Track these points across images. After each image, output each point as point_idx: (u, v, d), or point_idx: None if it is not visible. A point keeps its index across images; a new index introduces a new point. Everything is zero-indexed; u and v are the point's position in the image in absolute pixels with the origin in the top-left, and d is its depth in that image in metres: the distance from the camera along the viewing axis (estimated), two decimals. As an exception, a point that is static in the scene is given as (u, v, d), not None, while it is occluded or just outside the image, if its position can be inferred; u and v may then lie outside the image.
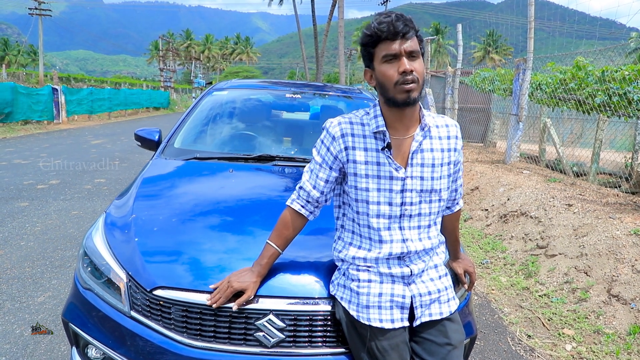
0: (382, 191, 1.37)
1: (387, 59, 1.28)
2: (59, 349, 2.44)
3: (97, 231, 1.82)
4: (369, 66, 1.36)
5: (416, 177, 1.38)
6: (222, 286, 1.42)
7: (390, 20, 1.27)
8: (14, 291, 3.08)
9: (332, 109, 3.41)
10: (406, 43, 1.27)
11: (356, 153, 1.38)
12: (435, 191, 1.41)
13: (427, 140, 1.40)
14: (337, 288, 1.47)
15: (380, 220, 1.39)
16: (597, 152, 6.87)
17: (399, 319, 1.39)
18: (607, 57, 7.20)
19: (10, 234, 4.21)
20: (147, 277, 1.52)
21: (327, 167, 1.42)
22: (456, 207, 1.63)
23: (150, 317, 1.50)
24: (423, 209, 1.41)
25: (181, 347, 1.44)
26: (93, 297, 1.64)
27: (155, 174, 2.37)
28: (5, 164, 7.79)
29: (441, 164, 1.41)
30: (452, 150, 1.44)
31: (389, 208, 1.38)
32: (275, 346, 1.43)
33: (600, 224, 3.72)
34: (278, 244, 1.47)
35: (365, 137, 1.39)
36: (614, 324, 2.86)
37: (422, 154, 1.39)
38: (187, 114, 2.98)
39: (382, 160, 1.37)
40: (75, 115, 18.70)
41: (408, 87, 1.27)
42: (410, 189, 1.37)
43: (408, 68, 1.26)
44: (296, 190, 1.49)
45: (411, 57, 1.28)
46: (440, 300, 1.45)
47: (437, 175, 1.40)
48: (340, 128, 1.40)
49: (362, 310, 1.38)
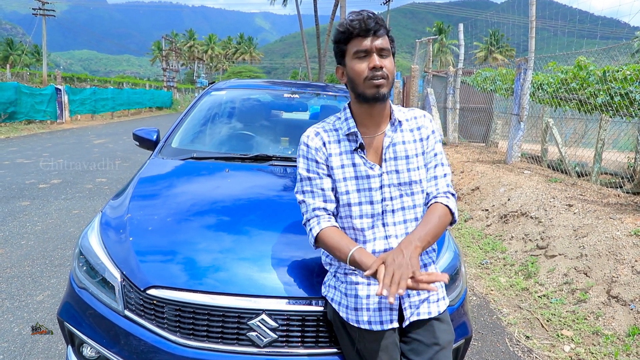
0: (362, 191, 1.39)
1: (358, 55, 1.31)
2: (56, 347, 2.45)
3: (92, 231, 1.83)
4: (341, 63, 1.39)
5: (391, 171, 1.39)
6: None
7: (362, 17, 1.30)
8: (13, 290, 3.10)
9: (331, 109, 3.40)
10: (377, 40, 1.30)
11: (333, 160, 1.40)
12: (415, 182, 1.41)
13: (399, 134, 1.42)
14: (328, 289, 1.47)
15: (363, 221, 1.40)
16: (599, 152, 6.83)
17: (387, 320, 1.38)
18: (610, 56, 7.16)
19: (11, 233, 4.23)
20: (141, 276, 1.53)
21: (326, 177, 1.42)
22: (431, 201, 1.43)
23: (143, 316, 1.51)
24: (405, 202, 1.41)
25: (174, 347, 1.45)
26: (88, 297, 1.65)
27: (151, 173, 2.37)
28: (8, 163, 7.83)
29: (416, 155, 1.42)
30: (423, 139, 1.45)
31: (371, 207, 1.39)
32: (268, 346, 1.44)
33: (600, 224, 3.70)
34: (352, 244, 1.35)
35: (339, 141, 1.42)
36: (613, 325, 2.84)
37: (395, 147, 1.41)
38: (185, 114, 2.99)
39: (357, 161, 1.39)
40: (79, 115, 18.77)
41: (377, 82, 1.30)
42: (388, 184, 1.39)
43: (378, 64, 1.29)
44: (312, 217, 1.41)
45: (381, 54, 1.32)
46: (429, 300, 1.43)
47: (413, 166, 1.41)
48: (320, 138, 1.43)
49: (351, 313, 1.38)
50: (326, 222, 1.40)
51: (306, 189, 1.44)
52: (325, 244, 1.38)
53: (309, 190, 1.44)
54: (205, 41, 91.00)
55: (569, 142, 8.21)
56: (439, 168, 1.47)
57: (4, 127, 13.42)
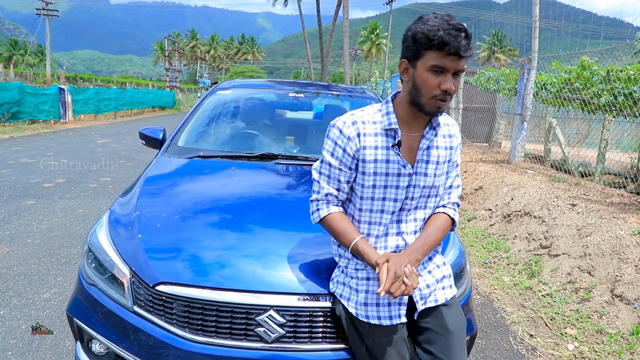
0: (388, 188, 1.38)
1: (435, 69, 1.23)
2: (64, 344, 2.47)
3: (101, 228, 1.85)
4: (410, 60, 1.29)
5: (421, 173, 1.39)
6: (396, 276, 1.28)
7: (459, 35, 1.19)
8: (20, 287, 3.13)
9: (335, 108, 3.42)
10: (460, 62, 1.23)
11: (366, 152, 1.37)
12: (435, 187, 1.43)
13: (433, 139, 1.41)
14: (337, 285, 1.48)
15: (383, 216, 1.41)
16: (602, 152, 6.82)
17: (397, 315, 1.40)
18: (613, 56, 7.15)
19: (17, 232, 4.26)
20: (150, 273, 1.55)
21: (347, 170, 1.41)
22: (440, 209, 1.48)
23: (152, 312, 1.53)
24: (421, 202, 1.43)
25: (183, 342, 1.46)
26: (97, 293, 1.67)
27: (158, 172, 2.39)
28: (13, 163, 7.87)
29: (444, 162, 1.43)
30: (453, 148, 1.45)
31: (394, 204, 1.40)
32: (276, 341, 1.45)
33: (604, 224, 3.71)
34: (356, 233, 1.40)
35: (376, 134, 1.38)
36: (617, 324, 2.85)
37: (429, 151, 1.40)
38: (191, 113, 3.01)
39: (391, 158, 1.37)
40: (82, 115, 18.82)
41: (442, 104, 1.28)
42: (414, 185, 1.39)
43: (452, 88, 1.24)
44: (322, 200, 1.45)
45: (455, 74, 1.26)
46: (437, 289, 1.47)
47: (439, 172, 1.42)
48: (356, 128, 1.38)
49: (361, 308, 1.40)
50: (335, 207, 1.44)
51: (324, 171, 1.44)
52: (331, 227, 1.43)
53: (326, 174, 1.44)
54: (207, 41, 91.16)
55: (572, 142, 8.20)
56: (457, 179, 1.51)
57: (8, 127, 13.48)
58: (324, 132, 3.42)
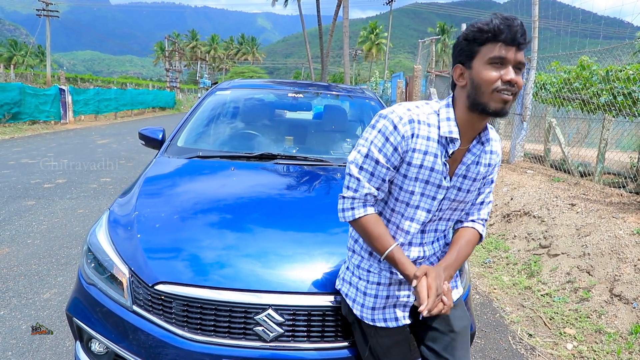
0: (425, 197, 1.31)
1: (494, 61, 1.16)
2: (64, 344, 2.48)
3: (100, 228, 1.86)
4: (464, 63, 1.23)
5: (455, 187, 1.33)
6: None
7: (512, 24, 1.15)
8: (20, 288, 3.13)
9: (335, 109, 3.43)
10: (519, 54, 1.18)
11: (415, 155, 1.27)
12: (465, 203, 1.39)
13: (480, 154, 1.34)
14: (343, 284, 1.47)
15: (412, 225, 1.34)
16: (602, 152, 6.83)
17: (402, 317, 1.40)
18: (613, 56, 7.15)
19: (17, 232, 4.27)
20: (149, 272, 1.56)
21: (393, 169, 1.30)
22: (469, 224, 1.43)
23: (152, 311, 1.53)
24: (445, 215, 1.38)
25: (182, 341, 1.47)
26: (96, 292, 1.67)
27: (158, 172, 2.40)
28: (13, 163, 7.88)
29: (479, 179, 1.36)
30: (491, 165, 1.38)
31: (425, 215, 1.33)
32: (274, 340, 1.46)
33: (603, 223, 3.71)
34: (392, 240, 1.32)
35: (428, 139, 1.27)
36: (615, 323, 2.85)
37: (469, 166, 1.32)
38: (191, 113, 3.02)
39: (437, 168, 1.28)
40: (82, 115, 18.84)
41: (507, 97, 1.17)
42: (447, 197, 1.34)
43: (514, 78, 1.16)
44: (360, 199, 1.32)
45: (517, 69, 1.19)
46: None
47: (473, 189, 1.36)
48: (412, 127, 1.26)
49: (367, 312, 1.40)
50: (371, 208, 1.33)
51: (367, 168, 1.29)
52: (366, 229, 1.31)
53: (370, 171, 1.29)
54: (208, 41, 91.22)
55: (572, 142, 8.20)
56: (490, 195, 1.45)
57: (9, 128, 13.49)
58: (323, 132, 3.44)
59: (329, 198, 2.14)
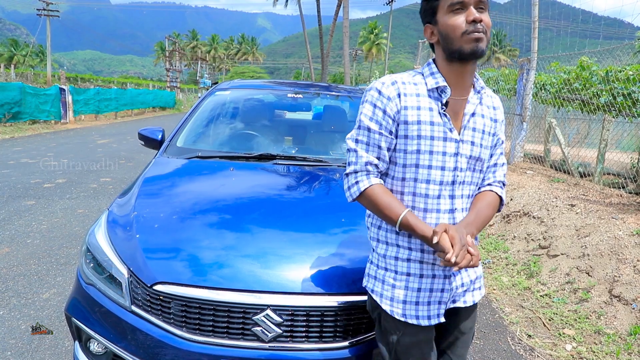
0: (434, 154, 1.26)
1: (453, 8, 1.20)
2: (63, 344, 2.48)
3: (99, 228, 1.86)
4: (430, 22, 1.27)
5: (467, 141, 1.29)
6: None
7: None
8: (19, 288, 3.14)
9: (334, 109, 3.43)
10: None
11: (408, 113, 1.26)
12: (481, 160, 1.33)
13: (480, 106, 1.33)
14: (369, 279, 1.40)
15: (430, 187, 1.27)
16: (602, 153, 6.83)
17: (435, 315, 1.32)
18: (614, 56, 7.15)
19: (17, 232, 4.27)
20: (148, 272, 1.56)
21: (387, 134, 1.28)
22: (487, 188, 1.39)
23: (150, 311, 1.54)
24: (468, 177, 1.32)
25: (180, 341, 1.47)
26: (95, 293, 1.68)
27: (157, 172, 2.40)
28: (13, 163, 7.89)
29: (489, 133, 1.34)
30: (497, 121, 1.38)
31: (441, 173, 1.27)
32: (273, 341, 1.46)
33: (602, 224, 3.71)
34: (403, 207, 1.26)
35: (417, 95, 1.27)
36: (614, 324, 2.85)
37: (475, 118, 1.31)
38: (190, 113, 3.02)
39: (436, 120, 1.26)
40: (82, 115, 18.84)
41: (477, 36, 1.19)
42: (462, 154, 1.28)
43: (478, 17, 1.19)
44: (362, 170, 1.30)
45: (479, 8, 1.21)
46: (469, 289, 1.39)
47: (485, 143, 1.33)
48: (396, 88, 1.27)
49: (397, 305, 1.31)
50: (376, 179, 1.30)
51: (362, 138, 1.30)
52: (373, 201, 1.27)
53: (365, 141, 1.30)
54: (208, 41, 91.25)
55: (572, 143, 8.20)
56: (502, 157, 1.42)
57: (9, 127, 13.49)
58: (322, 132, 3.44)
59: (328, 198, 2.14)
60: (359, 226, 1.95)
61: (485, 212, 1.32)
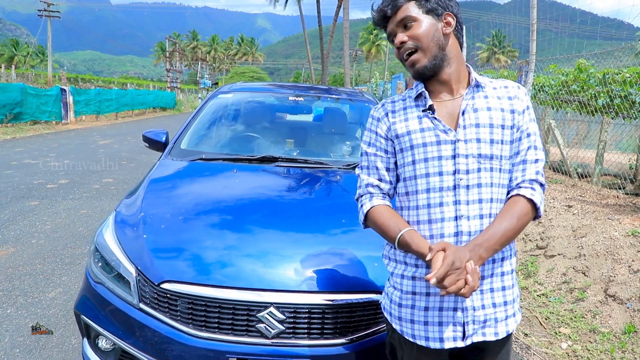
0: (430, 160, 1.21)
1: (390, 39, 1.25)
2: (70, 342, 2.54)
3: (107, 228, 1.92)
4: None
5: (471, 139, 1.19)
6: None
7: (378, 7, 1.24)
8: (26, 287, 3.19)
9: (334, 111, 3.49)
10: (396, 16, 1.21)
11: (397, 127, 1.27)
12: (496, 157, 1.20)
13: (482, 99, 1.23)
14: (384, 297, 1.37)
15: (430, 195, 1.20)
16: (601, 154, 6.89)
17: (450, 337, 1.20)
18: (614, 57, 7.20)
19: (22, 232, 4.33)
20: (155, 271, 1.62)
21: (382, 153, 1.30)
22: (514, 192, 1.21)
23: (157, 309, 1.59)
24: (483, 177, 1.19)
25: (187, 338, 1.53)
26: (104, 291, 1.73)
27: (162, 174, 2.46)
28: (16, 164, 7.95)
29: (502, 126, 1.21)
30: (516, 112, 1.23)
31: (440, 178, 1.20)
32: (276, 337, 1.52)
33: (599, 225, 3.77)
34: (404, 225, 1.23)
35: (405, 108, 1.28)
36: (609, 323, 2.91)
37: (477, 113, 1.21)
38: (194, 116, 3.08)
39: (426, 125, 1.23)
40: (83, 116, 18.90)
41: (409, 61, 1.21)
42: (466, 154, 1.19)
43: (397, 41, 1.20)
44: (364, 193, 1.33)
45: (405, 26, 1.20)
46: (497, 318, 1.21)
47: (496, 137, 1.20)
48: (384, 108, 1.32)
49: (406, 325, 1.25)
50: (379, 200, 1.29)
51: (363, 164, 1.35)
52: (375, 222, 1.27)
53: (365, 165, 1.34)
54: (208, 42, 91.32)
55: (571, 144, 8.26)
56: (531, 152, 1.22)
57: (10, 128, 13.56)
58: (323, 134, 3.50)
59: (329, 200, 2.20)
60: (359, 227, 2.00)
61: (505, 227, 1.15)
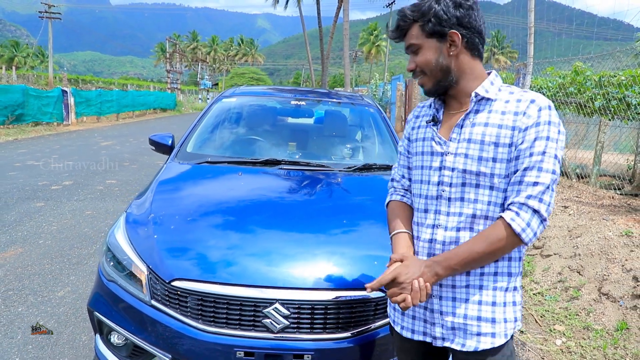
0: (423, 168, 1.29)
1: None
2: (80, 338, 2.63)
3: (118, 229, 2.01)
4: None
5: (460, 154, 1.19)
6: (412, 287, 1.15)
7: (391, 30, 1.26)
8: (35, 286, 3.28)
9: (335, 115, 3.58)
10: (405, 41, 1.25)
11: (414, 132, 1.36)
12: (484, 175, 1.16)
13: (484, 114, 1.19)
14: None
15: (420, 200, 1.29)
16: (598, 155, 6.97)
17: (420, 332, 1.28)
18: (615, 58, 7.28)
19: (29, 233, 4.42)
20: (166, 270, 1.71)
21: (406, 153, 1.41)
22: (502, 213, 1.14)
23: (169, 305, 1.68)
24: (467, 192, 1.19)
25: (197, 332, 1.62)
26: (116, 288, 1.82)
27: (170, 176, 2.55)
28: (20, 165, 8.03)
29: (495, 143, 1.15)
30: (518, 129, 1.13)
31: (427, 187, 1.26)
32: (281, 332, 1.61)
33: (594, 225, 3.86)
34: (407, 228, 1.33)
35: (425, 115, 1.35)
36: (603, 320, 2.99)
37: (473, 128, 1.18)
38: (199, 120, 3.17)
39: (427, 135, 1.29)
40: (84, 117, 19.00)
41: (419, 82, 1.27)
42: (452, 167, 1.20)
43: (408, 68, 1.26)
44: (390, 187, 1.47)
45: (413, 52, 1.24)
46: (467, 330, 1.20)
47: (486, 155, 1.16)
48: (417, 111, 1.40)
49: (392, 313, 1.40)
50: (396, 196, 1.42)
51: (397, 160, 1.48)
52: (387, 217, 1.42)
53: (398, 162, 1.47)
54: (208, 42, 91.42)
55: (570, 145, 8.34)
56: (531, 173, 1.11)
57: (12, 129, 13.64)
58: (324, 137, 3.59)
59: (330, 201, 2.29)
60: (359, 227, 2.10)
61: (471, 249, 1.13)
